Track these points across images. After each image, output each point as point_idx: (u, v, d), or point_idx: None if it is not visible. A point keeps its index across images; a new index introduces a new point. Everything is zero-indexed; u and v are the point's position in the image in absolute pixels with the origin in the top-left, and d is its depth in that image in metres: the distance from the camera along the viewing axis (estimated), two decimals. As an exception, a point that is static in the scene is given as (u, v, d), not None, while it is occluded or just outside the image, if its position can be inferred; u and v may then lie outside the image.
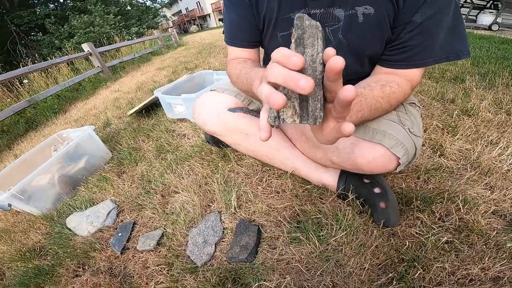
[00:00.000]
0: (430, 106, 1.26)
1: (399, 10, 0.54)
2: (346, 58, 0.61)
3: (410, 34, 0.55)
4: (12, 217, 1.19)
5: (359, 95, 0.53)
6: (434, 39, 0.55)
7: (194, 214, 0.86)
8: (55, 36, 10.61)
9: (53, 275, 0.80)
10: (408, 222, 0.69)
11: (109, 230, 0.92)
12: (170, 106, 1.59)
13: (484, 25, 4.52)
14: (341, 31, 0.61)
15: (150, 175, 1.13)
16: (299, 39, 0.28)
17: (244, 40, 0.73)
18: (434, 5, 0.52)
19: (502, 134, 0.97)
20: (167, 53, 6.16)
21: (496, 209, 0.70)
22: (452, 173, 0.83)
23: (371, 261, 0.62)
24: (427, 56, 0.57)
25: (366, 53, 0.63)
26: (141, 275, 0.73)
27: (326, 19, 0.61)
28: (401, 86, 0.59)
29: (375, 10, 0.56)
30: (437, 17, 0.53)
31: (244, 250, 0.69)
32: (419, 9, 0.53)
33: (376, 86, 0.57)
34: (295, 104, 0.30)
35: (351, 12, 0.58)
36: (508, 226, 0.65)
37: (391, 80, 0.59)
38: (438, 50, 0.56)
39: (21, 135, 2.68)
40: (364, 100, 0.53)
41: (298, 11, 0.62)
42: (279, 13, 0.63)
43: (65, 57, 4.07)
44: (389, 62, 0.62)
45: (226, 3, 0.71)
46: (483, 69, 1.67)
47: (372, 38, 0.59)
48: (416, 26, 0.54)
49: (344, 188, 0.75)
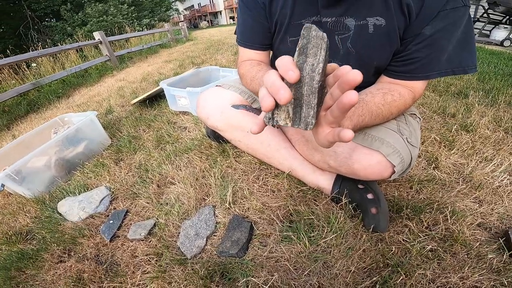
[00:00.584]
0: (430, 119, 1.27)
1: (410, 22, 0.55)
2: (353, 67, 0.63)
3: (417, 46, 0.56)
4: (2, 198, 1.18)
5: (360, 100, 0.54)
6: (441, 52, 0.55)
7: (188, 207, 0.86)
8: (68, 23, 10.64)
9: (36, 260, 0.80)
10: (396, 229, 0.71)
11: (101, 217, 0.92)
12: (174, 98, 1.61)
13: (496, 40, 4.50)
14: (350, 41, 0.61)
15: (148, 164, 1.14)
16: (302, 48, 0.30)
17: (257, 42, 0.74)
18: (446, 19, 0.52)
19: (498, 152, 0.98)
20: (176, 47, 6.18)
21: (482, 222, 0.72)
22: (444, 185, 0.84)
23: (357, 264, 0.63)
24: (431, 69, 0.57)
25: (373, 64, 0.63)
26: (129, 263, 0.73)
27: (337, 27, 0.61)
28: (403, 95, 0.60)
29: (386, 21, 0.56)
30: (447, 29, 0.53)
31: (235, 245, 0.70)
32: (430, 22, 0.53)
33: (377, 93, 0.58)
34: (289, 109, 0.31)
35: (362, 22, 0.58)
36: (492, 238, 0.67)
37: (393, 89, 0.59)
38: (444, 63, 0.56)
39: (21, 117, 2.69)
40: (366, 106, 0.54)
41: (309, 18, 0.62)
42: (291, 18, 0.64)
43: (75, 44, 4.11)
44: (393, 72, 0.62)
45: (241, 4, 0.72)
46: (488, 85, 1.67)
47: (380, 49, 0.60)
48: (424, 39, 0.54)
49: (338, 192, 0.76)
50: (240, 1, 0.71)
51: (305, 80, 0.30)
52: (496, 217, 0.73)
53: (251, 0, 0.68)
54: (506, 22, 4.64)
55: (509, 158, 0.94)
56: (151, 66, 3.86)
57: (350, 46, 0.62)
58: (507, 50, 3.69)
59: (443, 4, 0.51)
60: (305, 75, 0.30)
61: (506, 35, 4.35)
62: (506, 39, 4.28)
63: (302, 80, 0.30)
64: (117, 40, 5.22)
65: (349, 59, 0.63)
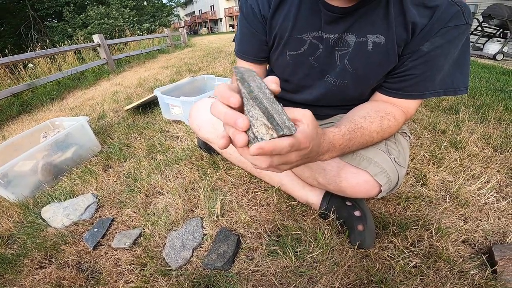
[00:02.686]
0: (421, 135, 1.29)
1: (412, 38, 0.54)
2: (348, 84, 0.65)
3: (414, 62, 0.56)
4: (-15, 201, 1.14)
5: (359, 128, 0.54)
6: (437, 70, 0.55)
7: (175, 217, 0.85)
8: (69, 24, 10.67)
9: (16, 265, 0.78)
10: (382, 245, 0.71)
11: (85, 224, 0.90)
12: (167, 106, 1.60)
13: (489, 54, 4.56)
14: (348, 57, 0.61)
15: (137, 173, 1.13)
16: (242, 79, 0.33)
17: (252, 54, 0.74)
18: (446, 35, 0.52)
19: (485, 169, 1.00)
20: (174, 53, 6.21)
21: (466, 238, 0.72)
22: (431, 202, 0.85)
23: (342, 280, 0.63)
24: (425, 88, 0.57)
25: (369, 82, 0.63)
26: (111, 272, 0.71)
27: (338, 44, 0.61)
28: (397, 119, 0.60)
29: (386, 39, 0.56)
30: (445, 47, 0.53)
31: (221, 258, 0.69)
32: (430, 38, 0.53)
33: (375, 119, 0.57)
34: (264, 121, 0.32)
35: (362, 39, 0.58)
36: (475, 254, 0.68)
37: (389, 111, 0.59)
38: (438, 82, 0.56)
39: (13, 117, 2.66)
40: (360, 137, 0.54)
41: (311, 33, 0.62)
42: (292, 32, 0.64)
43: (74, 46, 4.10)
44: (388, 89, 0.62)
45: (240, 16, 0.72)
46: (479, 101, 1.71)
47: (377, 68, 0.59)
48: (422, 55, 0.54)
49: (326, 208, 0.77)
50: (240, 12, 0.71)
51: (260, 96, 0.32)
52: (481, 233, 0.74)
53: (251, 13, 0.67)
54: (500, 35, 4.73)
55: (496, 176, 0.96)
56: (148, 71, 3.87)
57: (348, 63, 0.61)
58: (499, 64, 3.75)
59: (446, 21, 0.51)
60: (257, 93, 0.32)
61: (499, 49, 4.43)
62: (499, 53, 4.35)
63: (258, 97, 0.32)
64: (116, 43, 5.23)
65: (345, 76, 0.63)
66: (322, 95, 0.70)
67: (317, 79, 0.68)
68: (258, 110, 0.32)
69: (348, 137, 0.52)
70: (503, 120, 1.41)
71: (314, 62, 0.65)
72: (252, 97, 0.32)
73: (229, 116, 0.32)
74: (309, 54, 0.64)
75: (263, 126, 0.33)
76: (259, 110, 0.32)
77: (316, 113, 0.79)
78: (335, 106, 0.74)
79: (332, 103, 0.73)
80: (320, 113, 0.79)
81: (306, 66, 0.66)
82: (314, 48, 0.63)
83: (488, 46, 4.81)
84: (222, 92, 0.33)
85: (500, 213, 0.80)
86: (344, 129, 0.52)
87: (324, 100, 0.71)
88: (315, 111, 0.78)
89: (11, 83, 3.57)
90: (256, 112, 0.32)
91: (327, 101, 0.72)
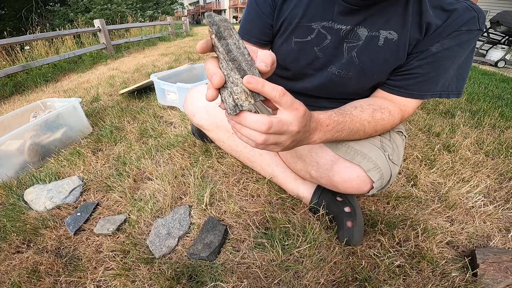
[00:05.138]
0: (415, 136, 1.29)
1: (424, 38, 0.54)
2: (351, 76, 0.63)
3: (420, 61, 0.55)
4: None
5: (348, 114, 0.53)
6: (441, 73, 0.54)
7: (163, 204, 0.84)
8: (71, 8, 10.44)
9: None
10: (369, 243, 0.71)
11: (68, 208, 0.87)
12: (163, 92, 1.58)
13: (491, 60, 4.58)
14: (357, 50, 0.60)
15: (127, 157, 1.10)
16: (218, 34, 0.32)
17: (254, 36, 0.72)
18: (457, 39, 0.51)
19: (476, 174, 1.00)
20: (174, 41, 6.13)
21: (451, 240, 0.73)
22: (419, 203, 0.85)
23: (327, 277, 0.62)
24: (427, 89, 0.57)
25: (373, 77, 0.62)
26: (91, 259, 0.69)
27: (349, 36, 0.59)
28: (393, 115, 0.59)
29: (399, 36, 0.55)
30: (454, 50, 0.52)
31: (206, 248, 0.68)
32: (440, 40, 0.52)
33: (367, 109, 0.56)
34: (244, 88, 0.33)
35: (374, 34, 0.57)
36: (458, 256, 0.68)
37: (385, 106, 0.58)
38: (440, 85, 0.56)
39: (5, 97, 2.60)
40: (349, 122, 0.53)
41: (320, 22, 0.61)
42: (302, 19, 0.62)
43: (74, 30, 4.05)
44: (389, 87, 0.61)
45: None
46: (476, 107, 1.71)
47: (384, 64, 0.58)
48: (429, 55, 0.54)
49: (317, 203, 0.76)
50: None
51: (239, 58, 0.32)
52: (465, 236, 0.74)
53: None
54: (505, 43, 4.74)
55: (486, 181, 0.96)
56: (146, 57, 3.81)
57: (355, 56, 0.60)
58: (500, 71, 3.77)
59: (460, 25, 0.51)
60: (236, 54, 0.32)
61: (502, 56, 4.44)
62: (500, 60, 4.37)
63: (236, 59, 0.32)
64: (117, 29, 5.13)
65: (350, 68, 0.62)
66: (322, 85, 0.68)
67: (319, 69, 0.66)
68: (238, 74, 0.32)
69: (336, 119, 0.51)
70: (498, 126, 1.42)
71: (320, 53, 0.64)
72: (230, 58, 0.32)
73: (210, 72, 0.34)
74: (315, 43, 0.63)
75: (243, 93, 0.33)
76: (238, 75, 0.32)
77: (314, 104, 0.78)
78: (334, 98, 0.72)
79: (331, 95, 0.71)
80: (317, 105, 0.78)
81: (310, 55, 0.65)
82: (321, 38, 0.62)
83: (491, 52, 4.82)
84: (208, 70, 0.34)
85: (486, 217, 0.80)
86: (331, 112, 0.51)
87: (323, 90, 0.70)
88: (312, 102, 0.77)
89: (6, 64, 3.49)
90: (236, 77, 0.32)
91: (326, 92, 0.71)
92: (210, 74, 0.34)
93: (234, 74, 0.32)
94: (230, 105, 0.34)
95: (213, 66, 0.34)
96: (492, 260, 0.61)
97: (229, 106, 0.34)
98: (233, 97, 0.33)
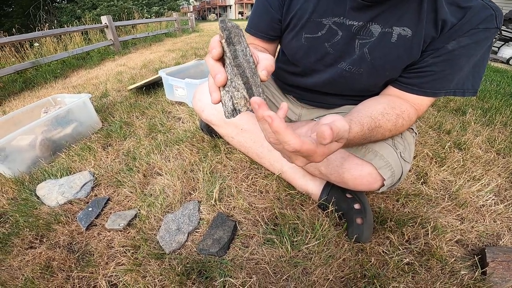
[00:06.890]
0: (425, 134, 1.27)
1: (439, 35, 0.52)
2: (363, 72, 0.62)
3: (435, 59, 0.54)
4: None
5: (377, 127, 0.52)
6: (456, 70, 0.53)
7: (173, 200, 0.85)
8: (78, 5, 10.54)
9: (6, 244, 0.76)
10: (378, 240, 0.70)
11: (80, 203, 0.88)
12: (171, 88, 1.58)
13: (503, 58, 4.42)
14: (369, 46, 0.58)
15: (136, 152, 1.11)
16: (228, 39, 0.33)
17: (261, 31, 0.71)
18: (474, 37, 0.50)
19: (487, 172, 0.98)
20: (181, 37, 6.13)
21: (460, 239, 0.72)
22: (430, 200, 0.85)
23: (336, 273, 0.62)
24: (441, 86, 0.55)
25: (385, 74, 0.60)
26: (103, 254, 0.70)
27: (361, 32, 0.58)
28: (410, 117, 0.58)
29: (413, 33, 0.54)
30: (470, 48, 0.51)
31: (216, 244, 0.68)
32: (457, 38, 0.51)
33: (392, 116, 0.55)
34: (244, 94, 0.33)
35: (387, 30, 0.56)
36: (467, 255, 0.68)
37: (404, 109, 0.57)
38: (454, 83, 0.54)
39: (15, 93, 2.64)
40: (374, 135, 0.52)
41: (331, 18, 0.60)
42: (312, 15, 0.61)
43: (81, 27, 4.08)
44: (402, 84, 0.60)
45: None
46: (488, 104, 1.68)
47: (397, 61, 0.57)
48: (444, 53, 0.52)
49: (326, 199, 0.76)
50: None
51: (244, 64, 0.33)
52: (475, 234, 0.73)
53: None
54: None
55: (497, 179, 0.94)
56: (153, 53, 3.82)
57: (367, 52, 0.59)
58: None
59: (478, 23, 0.49)
60: (242, 61, 0.33)
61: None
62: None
63: (241, 65, 0.33)
64: (124, 25, 5.17)
65: (361, 64, 0.61)
66: (332, 81, 0.67)
67: (329, 65, 0.66)
68: (241, 81, 0.33)
69: (364, 136, 0.50)
70: (510, 124, 1.39)
71: (330, 49, 0.63)
72: (236, 64, 0.32)
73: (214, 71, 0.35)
74: (325, 39, 0.62)
75: (243, 98, 0.34)
76: (241, 81, 0.33)
77: (323, 101, 0.78)
78: (344, 95, 0.72)
79: (340, 92, 0.71)
80: (327, 102, 0.77)
81: (321, 51, 0.64)
82: (332, 34, 0.61)
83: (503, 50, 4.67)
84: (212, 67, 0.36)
85: (496, 216, 0.79)
86: (365, 129, 0.50)
87: (333, 86, 0.69)
88: (322, 99, 0.77)
89: (15, 61, 3.54)
90: (239, 82, 0.33)
91: (336, 88, 0.70)
92: (215, 72, 0.35)
93: (237, 79, 0.33)
94: (229, 109, 0.35)
95: (218, 65, 0.35)
96: (502, 258, 0.61)
97: (227, 109, 0.35)
98: (233, 101, 0.34)
